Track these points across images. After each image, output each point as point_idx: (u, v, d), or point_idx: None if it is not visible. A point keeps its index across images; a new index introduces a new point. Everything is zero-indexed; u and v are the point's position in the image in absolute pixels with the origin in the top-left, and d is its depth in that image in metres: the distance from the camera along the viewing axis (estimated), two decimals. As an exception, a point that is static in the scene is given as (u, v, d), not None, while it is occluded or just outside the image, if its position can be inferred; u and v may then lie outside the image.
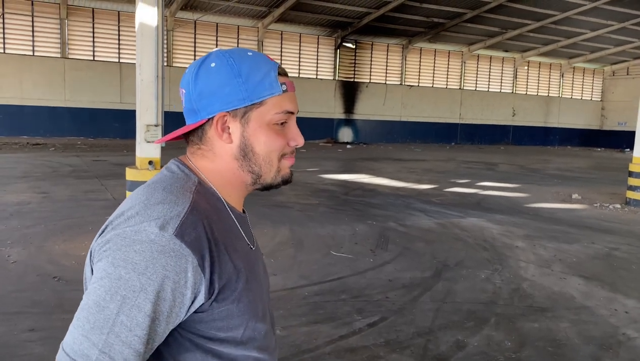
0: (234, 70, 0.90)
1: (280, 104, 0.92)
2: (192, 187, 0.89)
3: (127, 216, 0.82)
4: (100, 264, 0.80)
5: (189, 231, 0.80)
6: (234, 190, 0.96)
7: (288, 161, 0.97)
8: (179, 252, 0.78)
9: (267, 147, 0.93)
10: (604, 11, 23.62)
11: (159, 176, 0.94)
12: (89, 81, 21.59)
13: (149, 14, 5.95)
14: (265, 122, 0.92)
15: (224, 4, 21.21)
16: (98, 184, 10.25)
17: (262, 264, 1.03)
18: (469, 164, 18.19)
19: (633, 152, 10.67)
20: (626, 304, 4.81)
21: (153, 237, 0.78)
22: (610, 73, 35.36)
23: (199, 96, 0.91)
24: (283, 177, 0.97)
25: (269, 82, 0.91)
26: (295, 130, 0.97)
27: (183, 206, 0.83)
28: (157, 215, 0.81)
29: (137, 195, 0.88)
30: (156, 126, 6.04)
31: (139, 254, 0.77)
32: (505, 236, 7.28)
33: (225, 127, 0.92)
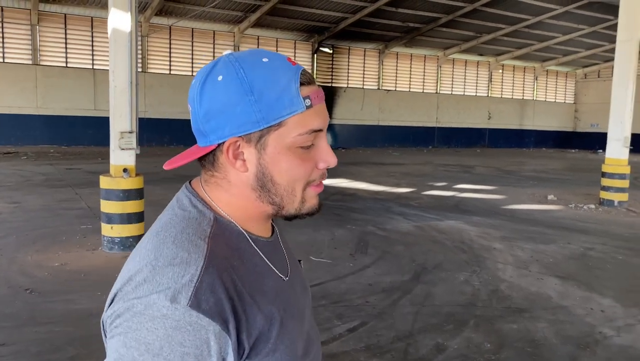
0: (244, 85, 0.75)
1: (304, 123, 0.77)
2: (207, 230, 0.77)
3: (136, 282, 0.71)
4: (112, 342, 0.71)
5: (205, 296, 0.69)
6: (255, 220, 0.84)
7: (315, 189, 0.83)
8: (197, 324, 0.68)
9: (290, 176, 0.79)
10: (575, 15, 24.12)
11: (169, 215, 0.81)
12: (61, 87, 21.21)
13: (122, 19, 5.86)
14: (286, 147, 0.77)
15: (200, 9, 21.07)
16: (72, 192, 10.05)
17: (300, 284, 0.92)
18: (446, 167, 18.36)
19: (606, 153, 10.89)
20: (602, 303, 4.88)
21: (165, 311, 0.68)
22: (582, 76, 36.11)
23: (206, 117, 0.77)
24: (309, 209, 0.83)
25: (289, 99, 0.76)
26: (326, 149, 0.81)
27: (196, 265, 0.71)
28: (166, 283, 0.69)
29: (145, 250, 0.76)
30: (130, 133, 5.95)
31: (151, 333, 0.68)
32: (483, 238, 7.34)
33: (239, 153, 0.78)
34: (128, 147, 5.97)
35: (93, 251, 6.02)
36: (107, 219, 5.99)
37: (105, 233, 6.03)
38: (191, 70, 24.10)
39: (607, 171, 10.64)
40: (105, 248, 6.04)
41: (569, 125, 36.59)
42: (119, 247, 5.98)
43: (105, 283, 4.94)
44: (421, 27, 25.12)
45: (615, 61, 10.69)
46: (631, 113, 10.53)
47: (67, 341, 3.73)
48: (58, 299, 4.54)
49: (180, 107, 23.62)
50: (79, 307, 4.36)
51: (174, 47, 23.60)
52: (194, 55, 24.08)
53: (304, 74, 0.79)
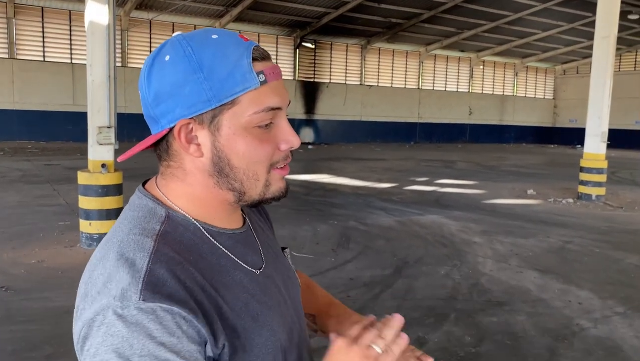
0: (192, 62, 0.70)
1: (259, 100, 0.72)
2: (156, 227, 0.73)
3: (91, 297, 0.68)
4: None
5: (158, 288, 0.65)
6: (217, 211, 0.79)
7: (280, 172, 0.78)
8: (158, 311, 0.64)
9: (248, 158, 0.74)
10: (554, 12, 24.41)
11: (119, 220, 0.77)
12: (39, 82, 20.84)
13: (99, 12, 5.76)
14: (242, 126, 0.72)
15: (180, 3, 20.86)
16: (50, 189, 9.89)
17: (280, 273, 0.87)
18: (428, 163, 18.47)
19: (584, 148, 11.05)
20: (579, 295, 4.95)
21: (120, 311, 0.64)
22: (561, 72, 36.59)
23: (155, 100, 0.72)
24: (274, 193, 0.78)
25: (241, 74, 0.71)
26: (287, 129, 0.76)
27: (142, 263, 0.67)
28: (115, 287, 0.66)
29: (95, 259, 0.72)
30: (109, 128, 5.86)
31: (114, 337, 0.64)
32: (464, 232, 7.40)
33: (192, 136, 0.73)
34: (106, 142, 5.88)
35: (71, 248, 5.93)
36: (86, 216, 5.90)
37: (83, 229, 5.95)
38: (172, 65, 23.86)
39: (585, 165, 10.80)
40: (83, 244, 5.96)
41: (548, 120, 37.08)
42: (98, 243, 5.87)
43: (83, 280, 4.87)
44: (403, 22, 25.19)
45: (593, 58, 10.83)
46: (608, 109, 10.68)
47: (44, 339, 3.67)
48: (34, 296, 4.47)
49: (161, 103, 23.40)
50: (56, 304, 4.29)
51: (155, 41, 23.33)
52: (174, 50, 23.84)
53: (257, 49, 0.75)
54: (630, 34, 28.27)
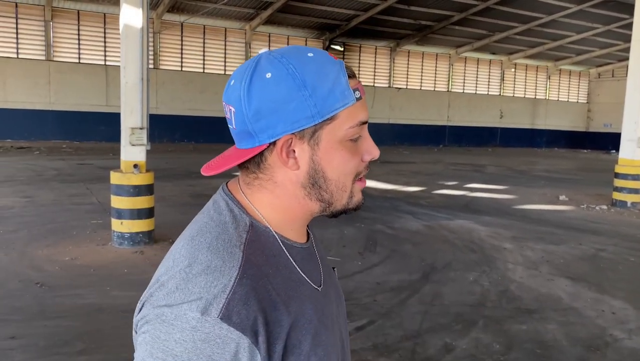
0: (296, 80, 0.72)
1: (354, 115, 0.76)
2: (243, 236, 0.75)
3: (168, 289, 0.70)
4: (139, 349, 0.70)
5: (237, 309, 0.67)
6: (296, 222, 0.82)
7: (360, 183, 0.82)
8: (227, 337, 0.66)
9: (341, 170, 0.77)
10: (590, 14, 23.86)
11: (205, 219, 0.79)
12: (74, 83, 21.38)
13: (133, 15, 5.88)
14: (338, 140, 0.76)
15: (211, 6, 21.12)
16: (83, 188, 10.13)
17: (334, 292, 0.90)
18: (457, 166, 18.26)
19: (619, 153, 10.76)
20: (613, 305, 4.82)
21: (195, 323, 0.66)
22: (596, 75, 35.71)
23: (256, 116, 0.73)
24: (355, 203, 0.82)
25: (340, 92, 0.74)
26: (370, 141, 0.80)
27: (230, 275, 0.69)
28: (198, 293, 0.68)
29: (179, 255, 0.74)
30: (141, 129, 5.97)
31: (179, 345, 0.66)
32: (493, 238, 7.29)
33: (290, 151, 0.76)
34: (139, 143, 5.99)
35: (103, 246, 6.05)
36: (117, 215, 6.02)
37: (115, 228, 6.07)
38: (202, 67, 24.18)
39: (620, 171, 10.52)
40: (115, 243, 6.08)
41: (581, 125, 36.23)
42: (129, 242, 6.01)
43: (114, 278, 4.97)
44: (433, 25, 24.97)
45: (630, 61, 10.56)
46: (645, 113, 10.39)
47: (76, 335, 3.75)
48: (67, 293, 4.57)
49: (192, 104, 23.72)
50: (88, 302, 4.39)
51: (186, 44, 23.69)
52: (205, 53, 24.16)
53: (348, 67, 0.78)
54: (669, 37, 27.41)
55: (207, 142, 22.91)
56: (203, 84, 23.88)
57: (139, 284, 4.75)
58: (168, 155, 17.24)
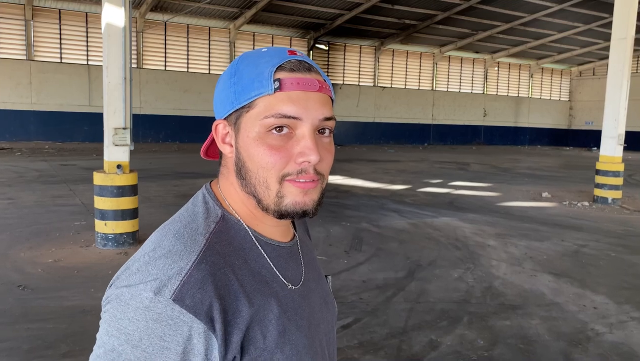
0: (232, 70, 0.78)
1: (271, 106, 0.73)
2: (210, 226, 0.75)
3: (130, 271, 0.71)
4: (100, 328, 0.71)
5: (192, 292, 0.67)
6: (260, 220, 0.80)
7: (296, 185, 0.75)
8: (179, 319, 0.66)
9: (257, 163, 0.74)
10: (571, 13, 24.17)
11: (181, 211, 0.81)
12: (56, 83, 21.12)
13: (115, 14, 5.83)
14: (255, 130, 0.74)
15: (195, 5, 21.00)
16: (66, 189, 10.01)
17: (320, 298, 0.88)
18: (442, 164, 18.38)
19: (600, 151, 10.92)
20: (594, 300, 4.90)
21: (147, 303, 0.67)
22: (577, 74, 36.19)
23: (215, 106, 0.82)
24: (289, 206, 0.75)
25: (259, 81, 0.74)
26: (306, 142, 0.73)
27: (188, 259, 0.70)
28: (155, 274, 0.69)
29: (149, 241, 0.76)
30: (124, 129, 5.92)
31: (132, 323, 0.67)
32: (478, 235, 7.36)
33: (225, 135, 0.79)
34: (122, 143, 5.94)
35: (86, 248, 6.00)
36: (101, 216, 5.97)
37: (98, 229, 6.01)
38: (187, 66, 24.03)
39: (601, 168, 10.68)
40: (98, 244, 6.03)
41: (563, 123, 36.70)
42: (113, 243, 5.96)
43: (98, 279, 4.93)
44: (417, 24, 25.11)
45: (610, 59, 10.71)
46: (625, 111, 10.56)
47: (60, 338, 3.72)
48: (51, 295, 4.53)
49: (176, 104, 23.57)
50: (72, 303, 4.35)
51: (170, 43, 23.52)
52: (189, 52, 24.01)
53: (292, 62, 0.75)
54: (648, 35, 27.89)
55: (192, 142, 22.78)
56: (187, 83, 23.74)
57: (124, 286, 4.72)
58: (152, 155, 17.11)
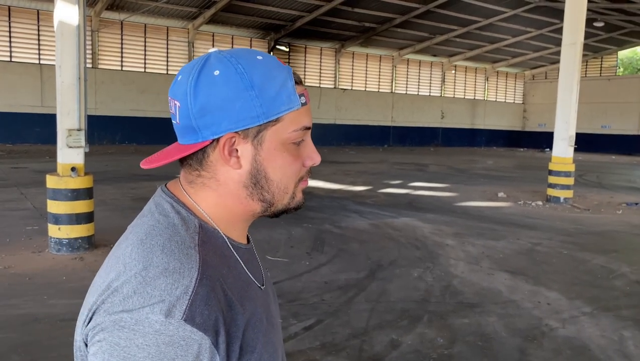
0: (244, 80, 0.74)
1: (298, 120, 0.78)
2: (194, 237, 0.74)
3: (124, 294, 0.67)
4: (95, 359, 0.67)
5: (200, 309, 0.67)
6: (239, 222, 0.82)
7: (303, 185, 0.84)
8: (190, 338, 0.65)
9: (283, 172, 0.79)
10: (524, 19, 24.95)
11: (151, 222, 0.76)
12: (6, 83, 20.31)
13: (69, 12, 5.66)
14: (281, 142, 0.77)
15: (152, 4, 20.61)
16: (17, 193, 9.64)
17: (272, 294, 0.92)
18: (401, 166, 18.63)
19: (552, 152, 11.30)
20: (548, 296, 5.06)
21: (158, 326, 0.64)
22: (531, 77, 37.39)
23: (201, 112, 0.74)
24: (297, 203, 0.84)
25: (287, 95, 0.76)
26: (311, 147, 0.83)
27: (190, 276, 0.68)
28: (159, 295, 0.66)
29: (130, 258, 0.71)
30: (79, 131, 5.75)
31: (142, 350, 0.64)
32: (436, 235, 7.49)
33: (233, 149, 0.76)
34: (76, 145, 5.77)
35: (39, 253, 5.79)
36: (55, 220, 5.78)
37: (52, 234, 5.81)
38: (144, 66, 23.55)
39: (553, 169, 11.05)
40: (52, 249, 5.83)
41: (518, 124, 37.83)
42: (67, 248, 5.77)
43: (52, 286, 4.77)
44: (376, 27, 25.40)
45: (560, 64, 11.10)
46: (576, 113, 10.96)
47: (11, 348, 3.57)
48: (1, 304, 4.34)
49: (133, 104, 23.05)
50: (24, 312, 4.19)
51: (126, 42, 23.00)
52: (146, 52, 23.54)
53: (295, 73, 0.80)
54: (596, 41, 29.09)
55: (149, 144, 22.32)
56: (144, 84, 23.26)
57: (79, 292, 4.58)
58: (108, 157, 16.68)
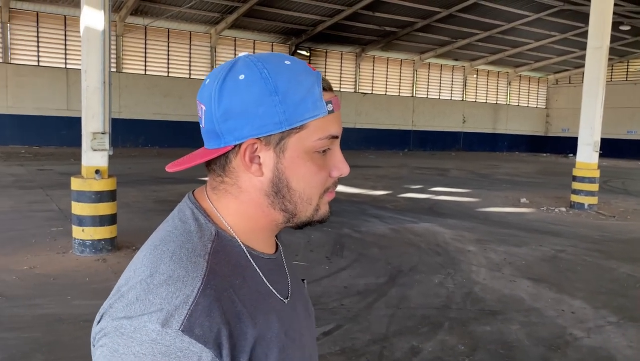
0: (268, 85, 0.72)
1: (324, 128, 0.75)
2: (207, 245, 0.73)
3: (127, 300, 0.67)
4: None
5: (200, 320, 0.65)
6: (261, 231, 0.80)
7: (329, 196, 0.80)
8: (188, 350, 0.64)
9: (307, 182, 0.76)
10: (547, 22, 24.63)
11: (169, 227, 0.76)
12: (33, 87, 20.77)
13: (94, 18, 5.76)
14: (304, 151, 0.75)
15: (176, 9, 20.88)
16: (43, 194, 9.83)
17: (302, 305, 0.88)
18: (422, 170, 18.51)
19: (576, 157, 11.11)
20: (572, 304, 4.96)
21: (154, 336, 0.64)
22: (554, 81, 36.86)
23: (224, 116, 0.73)
24: (321, 216, 0.80)
25: (312, 102, 0.74)
26: (339, 157, 0.79)
27: (193, 285, 0.67)
28: (159, 304, 0.65)
29: (141, 264, 0.71)
30: (103, 134, 5.84)
31: (139, 359, 0.63)
32: (457, 241, 7.41)
33: (255, 156, 0.75)
34: (100, 148, 5.86)
35: (63, 254, 5.88)
36: (78, 222, 5.87)
37: (76, 235, 5.91)
38: (167, 71, 23.85)
39: (577, 174, 10.87)
40: (76, 250, 5.92)
41: (540, 129, 37.31)
42: (90, 250, 5.86)
43: (75, 286, 4.84)
44: (398, 31, 25.32)
45: (585, 68, 10.93)
46: (601, 118, 10.77)
47: (35, 347, 3.63)
48: (26, 303, 4.43)
49: (156, 108, 23.35)
50: (48, 312, 4.26)
51: (150, 47, 23.33)
52: (169, 56, 23.84)
53: (324, 80, 0.77)
54: (622, 45, 28.56)
55: (172, 147, 22.58)
56: (167, 88, 23.56)
57: (101, 293, 4.64)
58: (131, 160, 16.90)
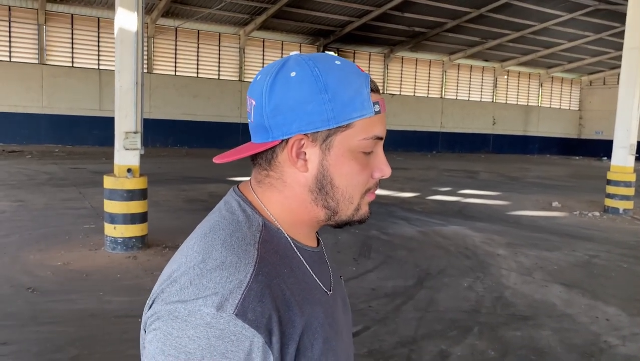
0: (319, 83, 0.74)
1: (369, 128, 0.77)
2: (256, 235, 0.75)
3: (181, 285, 0.69)
4: (150, 347, 0.68)
5: (253, 305, 0.67)
6: (304, 226, 0.82)
7: (370, 196, 0.83)
8: (241, 334, 0.65)
9: (349, 181, 0.78)
10: (581, 22, 24.07)
11: (217, 217, 0.78)
12: (67, 87, 21.29)
13: (128, 20, 5.87)
14: (349, 150, 0.77)
15: (206, 11, 21.13)
16: (76, 192, 10.06)
17: (342, 300, 0.90)
18: (450, 173, 18.31)
19: (611, 160, 10.83)
20: (607, 311, 4.83)
21: (209, 319, 0.65)
22: (588, 83, 36.02)
23: (274, 111, 0.75)
24: (361, 216, 0.83)
25: (360, 102, 0.76)
26: (382, 158, 0.81)
27: (246, 271, 0.69)
28: (213, 288, 0.67)
29: (192, 251, 0.73)
30: (135, 133, 5.94)
31: (193, 342, 0.65)
32: (487, 244, 7.30)
33: (301, 152, 0.77)
34: (132, 147, 5.96)
35: (96, 251, 6.01)
36: (110, 219, 5.99)
37: (108, 232, 6.02)
38: (196, 71, 24.15)
39: (612, 178, 10.59)
40: (107, 248, 6.04)
41: (573, 132, 36.49)
42: (122, 247, 5.97)
43: (107, 283, 4.94)
44: (427, 31, 25.11)
45: (622, 68, 10.65)
46: (637, 121, 10.47)
47: (68, 341, 3.71)
48: (60, 298, 4.53)
49: (185, 109, 23.67)
50: (81, 307, 4.35)
51: (180, 48, 23.66)
52: (199, 57, 24.14)
53: (372, 81, 0.79)
54: (659, 45, 27.69)
55: (201, 147, 22.85)
56: (197, 88, 23.85)
57: (132, 290, 4.72)
58: (161, 160, 17.17)
